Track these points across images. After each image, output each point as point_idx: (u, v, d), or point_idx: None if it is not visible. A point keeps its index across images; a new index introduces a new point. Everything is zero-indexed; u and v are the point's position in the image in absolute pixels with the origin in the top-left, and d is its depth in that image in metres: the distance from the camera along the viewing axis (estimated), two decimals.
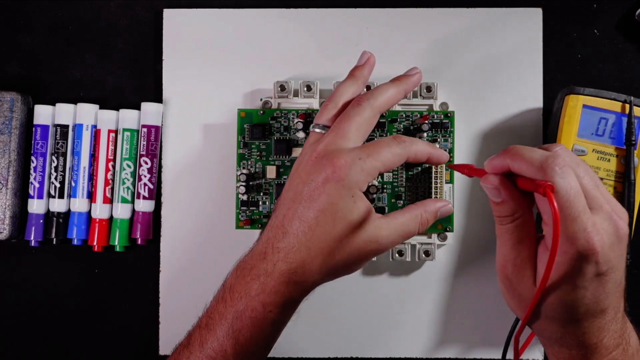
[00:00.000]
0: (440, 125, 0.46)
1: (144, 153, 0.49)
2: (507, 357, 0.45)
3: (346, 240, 0.38)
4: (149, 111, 0.49)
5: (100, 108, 0.49)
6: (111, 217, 0.49)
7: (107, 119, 0.49)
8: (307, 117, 0.46)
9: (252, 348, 0.39)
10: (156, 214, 0.49)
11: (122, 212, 0.49)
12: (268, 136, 0.47)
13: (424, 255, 0.47)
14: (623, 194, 0.45)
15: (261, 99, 0.48)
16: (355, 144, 0.40)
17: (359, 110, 0.40)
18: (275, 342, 0.41)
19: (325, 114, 0.41)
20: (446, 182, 0.46)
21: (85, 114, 0.49)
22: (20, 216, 0.49)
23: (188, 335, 0.41)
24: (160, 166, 0.50)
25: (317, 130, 0.41)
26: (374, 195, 0.46)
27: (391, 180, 0.46)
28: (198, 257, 0.49)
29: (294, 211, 0.39)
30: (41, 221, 0.49)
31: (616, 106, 0.45)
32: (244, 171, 0.46)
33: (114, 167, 0.49)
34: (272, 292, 0.38)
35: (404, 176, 0.46)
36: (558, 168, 0.33)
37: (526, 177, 0.34)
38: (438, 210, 0.42)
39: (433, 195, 0.45)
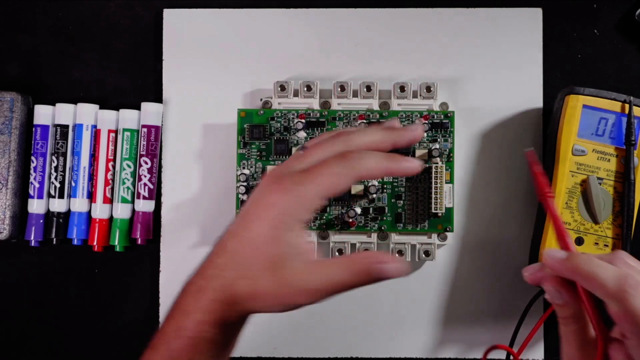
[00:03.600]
0: (440, 125, 0.46)
1: (144, 153, 0.49)
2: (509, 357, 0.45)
3: (273, 272, 0.35)
4: (149, 111, 0.49)
5: (100, 108, 0.49)
6: (111, 217, 0.49)
7: (107, 119, 0.49)
8: (307, 117, 0.46)
9: None
10: (156, 214, 0.49)
11: (122, 212, 0.49)
12: (268, 136, 0.47)
13: (424, 255, 0.47)
14: (623, 194, 0.45)
15: (261, 99, 0.48)
16: (316, 190, 0.35)
17: (341, 171, 0.35)
18: None
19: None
20: (446, 182, 0.46)
21: (85, 114, 0.49)
22: (20, 216, 0.49)
23: (141, 357, 0.38)
24: (160, 166, 0.50)
25: (300, 152, 0.38)
26: (374, 195, 0.46)
27: (391, 180, 0.46)
28: (198, 257, 0.49)
29: (236, 228, 0.36)
30: (41, 221, 0.49)
31: (616, 106, 0.45)
32: (244, 171, 0.46)
33: (114, 167, 0.49)
34: (205, 310, 0.35)
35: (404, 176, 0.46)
36: (632, 290, 0.31)
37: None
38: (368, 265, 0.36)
39: (433, 196, 0.45)
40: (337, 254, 0.47)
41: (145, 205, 0.49)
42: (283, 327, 0.49)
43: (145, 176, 0.49)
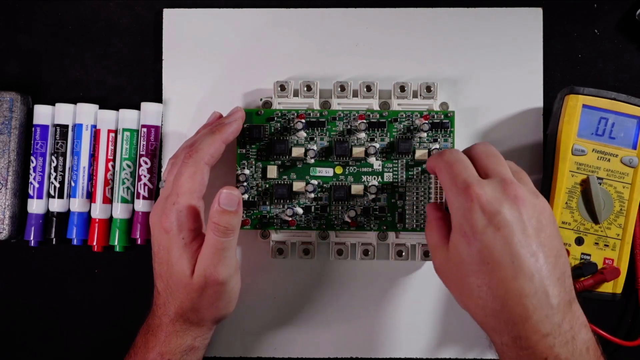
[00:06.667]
0: (440, 125, 0.46)
1: (143, 153, 0.49)
2: None
3: (193, 287, 0.41)
4: (149, 111, 0.49)
5: (100, 108, 0.49)
6: (111, 217, 0.49)
7: (107, 119, 0.49)
8: (307, 117, 0.46)
9: None
10: None
11: (121, 212, 0.49)
12: (268, 136, 0.47)
13: (423, 256, 0.47)
14: None
15: (261, 99, 0.48)
16: (189, 196, 0.42)
17: (184, 167, 0.42)
18: None
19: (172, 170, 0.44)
20: None
21: (85, 114, 0.49)
22: (20, 216, 0.49)
23: None
24: (160, 166, 0.49)
25: (162, 184, 0.45)
26: (374, 195, 0.45)
27: (391, 180, 0.46)
28: None
29: (155, 269, 0.43)
30: (41, 221, 0.49)
31: (616, 106, 0.45)
32: (244, 171, 0.46)
33: (113, 167, 0.49)
34: (165, 342, 0.42)
35: (404, 176, 0.46)
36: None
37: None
38: (217, 202, 0.40)
39: (433, 196, 0.45)
40: (337, 254, 0.47)
41: (145, 205, 0.48)
42: (283, 327, 0.49)
43: (145, 176, 0.48)
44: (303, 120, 0.46)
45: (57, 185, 0.49)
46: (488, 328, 0.36)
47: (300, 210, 0.46)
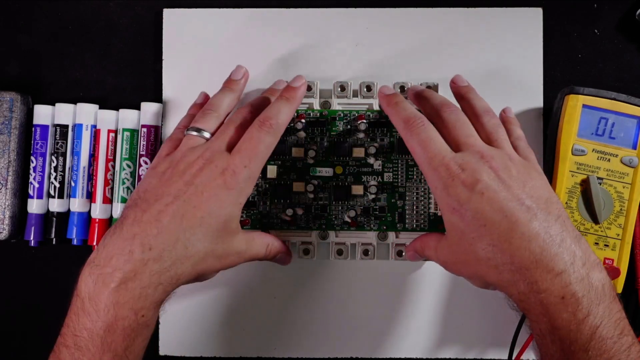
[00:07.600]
0: None
1: (143, 153, 0.49)
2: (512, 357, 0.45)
3: (219, 246, 0.39)
4: (149, 111, 0.49)
5: (100, 108, 0.49)
6: (111, 217, 0.49)
7: (107, 119, 0.49)
8: (307, 117, 0.46)
9: (130, 356, 0.37)
10: None
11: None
12: None
13: None
14: None
15: None
16: (260, 166, 0.40)
17: (265, 135, 0.40)
18: (148, 342, 0.39)
19: (208, 121, 0.42)
20: None
21: (85, 114, 0.49)
22: (20, 216, 0.49)
23: (54, 357, 0.38)
24: None
25: (194, 133, 0.42)
26: (374, 195, 0.45)
27: (391, 180, 0.46)
28: None
29: (176, 208, 0.37)
30: (41, 221, 0.49)
31: (616, 106, 0.45)
32: None
33: (113, 167, 0.49)
34: (142, 296, 0.36)
35: (404, 176, 0.46)
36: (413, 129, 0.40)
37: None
38: (279, 250, 0.44)
39: (433, 195, 0.45)
40: (336, 254, 0.47)
41: None
42: (283, 327, 0.49)
43: None
44: (303, 120, 0.46)
45: (57, 185, 0.49)
46: (505, 284, 0.36)
47: (300, 210, 0.46)
